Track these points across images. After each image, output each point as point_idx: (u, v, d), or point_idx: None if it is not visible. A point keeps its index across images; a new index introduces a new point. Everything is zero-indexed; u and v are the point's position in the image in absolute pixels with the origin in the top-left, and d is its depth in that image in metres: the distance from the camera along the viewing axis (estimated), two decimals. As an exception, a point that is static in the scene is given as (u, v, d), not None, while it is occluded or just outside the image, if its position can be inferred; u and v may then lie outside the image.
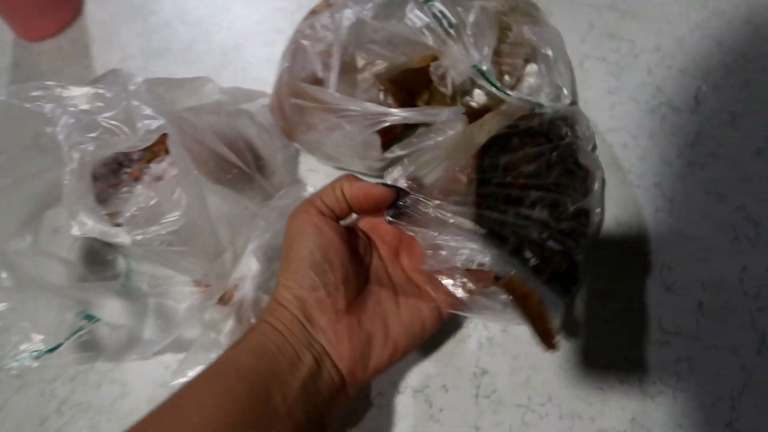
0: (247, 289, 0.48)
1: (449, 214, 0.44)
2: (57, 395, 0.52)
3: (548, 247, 0.44)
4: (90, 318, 0.45)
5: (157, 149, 0.57)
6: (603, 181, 0.53)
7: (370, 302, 0.42)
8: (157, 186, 0.41)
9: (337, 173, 0.61)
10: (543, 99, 0.55)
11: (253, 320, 0.48)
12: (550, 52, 0.57)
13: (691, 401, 0.45)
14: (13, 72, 0.80)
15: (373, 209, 0.44)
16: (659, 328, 0.49)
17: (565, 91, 0.56)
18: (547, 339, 0.41)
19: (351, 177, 0.44)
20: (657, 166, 0.57)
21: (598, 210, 0.50)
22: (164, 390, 0.49)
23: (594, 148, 0.56)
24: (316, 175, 0.62)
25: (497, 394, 0.48)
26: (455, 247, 0.42)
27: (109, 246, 0.57)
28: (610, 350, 0.48)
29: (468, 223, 0.44)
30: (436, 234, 0.43)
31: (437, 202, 0.44)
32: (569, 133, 0.52)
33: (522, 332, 0.50)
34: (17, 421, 0.52)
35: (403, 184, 0.47)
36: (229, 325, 0.48)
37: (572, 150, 0.51)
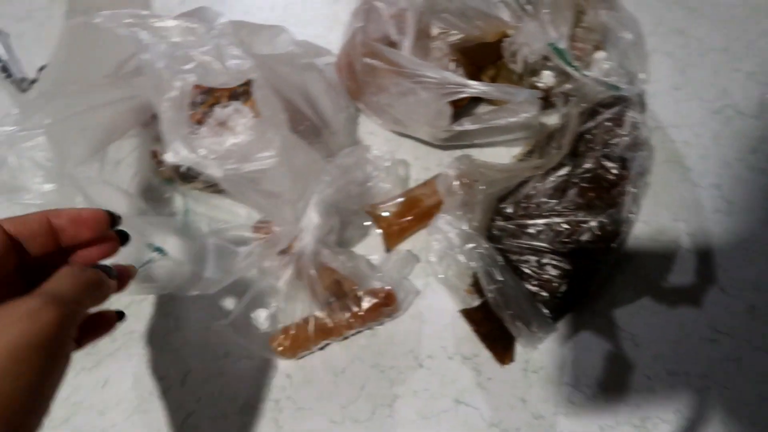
0: (307, 241, 0.48)
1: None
2: (110, 322, 0.53)
3: (545, 272, 0.49)
4: (160, 251, 0.45)
5: (219, 94, 0.57)
6: (645, 183, 0.55)
7: None
8: (253, 125, 0.41)
9: (397, 138, 0.61)
10: (615, 83, 0.55)
11: (312, 271, 0.48)
12: (629, 36, 0.56)
13: (737, 399, 0.46)
14: (69, 4, 0.80)
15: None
16: (709, 326, 0.49)
17: (640, 75, 0.56)
18: (497, 358, 0.49)
19: None
20: (717, 167, 0.57)
21: (631, 214, 0.52)
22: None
23: (646, 138, 0.56)
24: (376, 138, 0.62)
25: (546, 371, 0.48)
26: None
27: (167, 183, 0.57)
28: (659, 342, 0.49)
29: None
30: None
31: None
32: (606, 140, 0.53)
33: (573, 315, 0.50)
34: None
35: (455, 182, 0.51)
36: (288, 273, 0.48)
37: (601, 163, 0.52)
